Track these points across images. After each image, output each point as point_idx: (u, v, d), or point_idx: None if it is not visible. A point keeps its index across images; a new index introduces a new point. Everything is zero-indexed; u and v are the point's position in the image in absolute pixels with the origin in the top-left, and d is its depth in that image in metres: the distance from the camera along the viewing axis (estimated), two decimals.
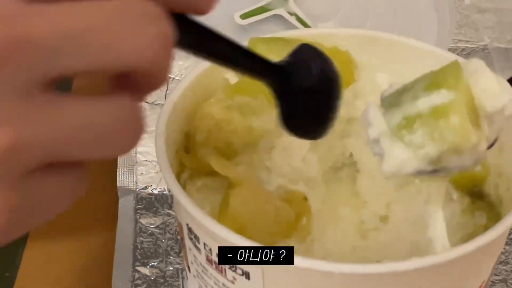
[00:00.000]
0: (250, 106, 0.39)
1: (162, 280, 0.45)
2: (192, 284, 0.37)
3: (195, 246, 0.34)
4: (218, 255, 0.32)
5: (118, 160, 0.52)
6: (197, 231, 0.33)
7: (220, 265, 0.33)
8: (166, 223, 0.49)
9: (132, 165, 0.52)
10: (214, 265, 0.33)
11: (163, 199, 0.51)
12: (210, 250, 0.33)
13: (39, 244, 0.50)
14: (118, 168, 0.52)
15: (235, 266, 0.32)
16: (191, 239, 0.34)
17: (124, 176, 0.52)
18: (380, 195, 0.41)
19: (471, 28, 0.67)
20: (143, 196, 0.51)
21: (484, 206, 0.38)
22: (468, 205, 0.39)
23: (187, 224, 0.34)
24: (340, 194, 0.42)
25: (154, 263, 0.46)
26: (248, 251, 0.30)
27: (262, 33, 0.49)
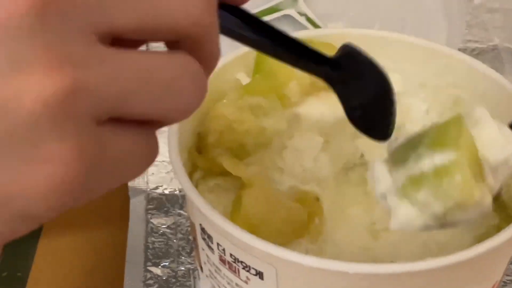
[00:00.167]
0: (262, 107, 0.39)
1: (174, 280, 0.45)
2: (204, 284, 0.37)
3: (208, 246, 0.34)
4: (231, 255, 0.32)
5: None
6: (210, 231, 0.33)
7: (234, 265, 0.33)
8: (177, 223, 0.49)
9: None
10: (227, 265, 0.33)
11: (174, 199, 0.51)
12: (224, 250, 0.33)
13: (50, 244, 0.50)
14: None
15: (249, 266, 0.32)
16: (204, 239, 0.34)
17: None
18: None
19: (480, 28, 0.67)
20: (154, 196, 0.51)
21: (496, 207, 0.38)
22: None
23: (200, 224, 0.34)
24: (351, 194, 0.42)
25: (166, 263, 0.46)
26: (262, 251, 0.30)
27: None
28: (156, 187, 0.52)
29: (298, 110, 0.41)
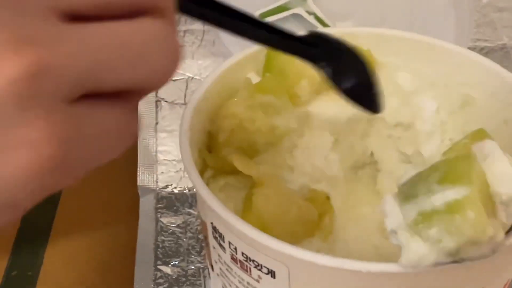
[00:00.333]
0: (272, 105, 0.39)
1: (184, 279, 0.46)
2: (215, 283, 0.37)
3: (220, 245, 0.34)
4: (243, 253, 0.32)
5: (138, 159, 0.53)
6: (222, 230, 0.33)
7: (246, 263, 0.33)
8: (187, 222, 0.49)
9: (152, 164, 0.53)
10: (239, 263, 0.33)
11: (183, 198, 0.51)
12: (235, 248, 0.33)
13: (60, 243, 0.50)
14: (138, 167, 0.52)
15: (261, 265, 0.32)
16: (215, 237, 0.34)
17: (144, 175, 0.52)
18: None
19: (489, 27, 0.66)
20: (163, 195, 0.51)
21: None
22: None
23: (212, 222, 0.34)
24: (361, 193, 0.42)
25: (176, 262, 0.46)
26: (274, 249, 0.30)
27: None
28: (166, 186, 0.52)
29: (309, 109, 0.41)
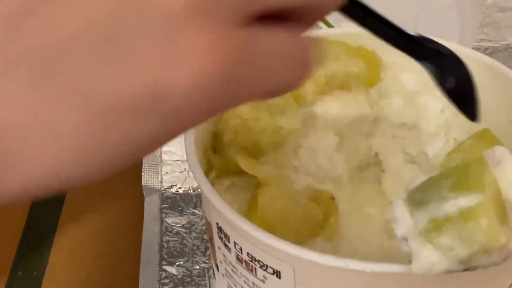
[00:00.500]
0: (277, 105, 0.39)
1: (189, 279, 0.46)
2: (220, 283, 0.37)
3: (225, 245, 0.34)
4: (249, 254, 0.32)
5: (143, 159, 0.53)
6: (227, 230, 0.33)
7: (251, 264, 0.33)
8: (192, 222, 0.49)
9: (157, 164, 0.53)
10: (244, 264, 0.33)
11: (188, 199, 0.51)
12: (241, 249, 0.33)
13: (65, 243, 0.50)
14: (143, 168, 0.52)
15: (266, 265, 0.32)
16: (220, 238, 0.34)
17: (149, 175, 0.52)
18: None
19: (493, 27, 0.66)
20: (168, 195, 0.51)
21: None
22: None
23: (217, 223, 0.34)
24: (366, 193, 0.42)
25: (181, 262, 0.47)
26: (280, 250, 0.30)
27: None
28: (170, 186, 0.52)
29: (313, 109, 0.41)
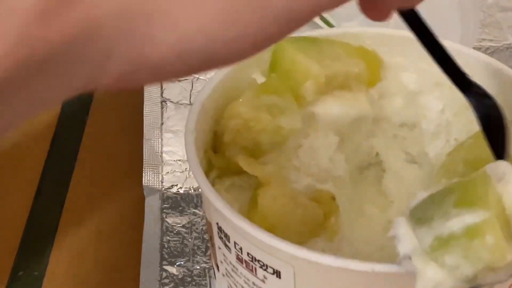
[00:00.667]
0: (278, 106, 0.39)
1: (189, 279, 0.46)
2: (221, 283, 0.37)
3: (225, 245, 0.34)
4: (249, 254, 0.32)
5: (144, 159, 0.53)
6: (227, 230, 0.33)
7: (251, 263, 0.33)
8: (192, 222, 0.49)
9: (157, 164, 0.53)
10: (244, 264, 0.33)
11: (188, 199, 0.51)
12: (241, 249, 0.33)
13: (66, 243, 0.50)
14: (143, 168, 0.52)
15: (266, 265, 0.32)
16: (221, 238, 0.34)
17: (149, 175, 0.52)
18: (406, 195, 0.41)
19: (494, 27, 0.66)
20: (169, 195, 0.51)
21: None
22: None
23: (217, 223, 0.34)
24: (367, 193, 0.42)
25: (181, 262, 0.47)
26: (280, 250, 0.30)
27: None
28: (171, 186, 0.52)
29: (314, 109, 0.41)
